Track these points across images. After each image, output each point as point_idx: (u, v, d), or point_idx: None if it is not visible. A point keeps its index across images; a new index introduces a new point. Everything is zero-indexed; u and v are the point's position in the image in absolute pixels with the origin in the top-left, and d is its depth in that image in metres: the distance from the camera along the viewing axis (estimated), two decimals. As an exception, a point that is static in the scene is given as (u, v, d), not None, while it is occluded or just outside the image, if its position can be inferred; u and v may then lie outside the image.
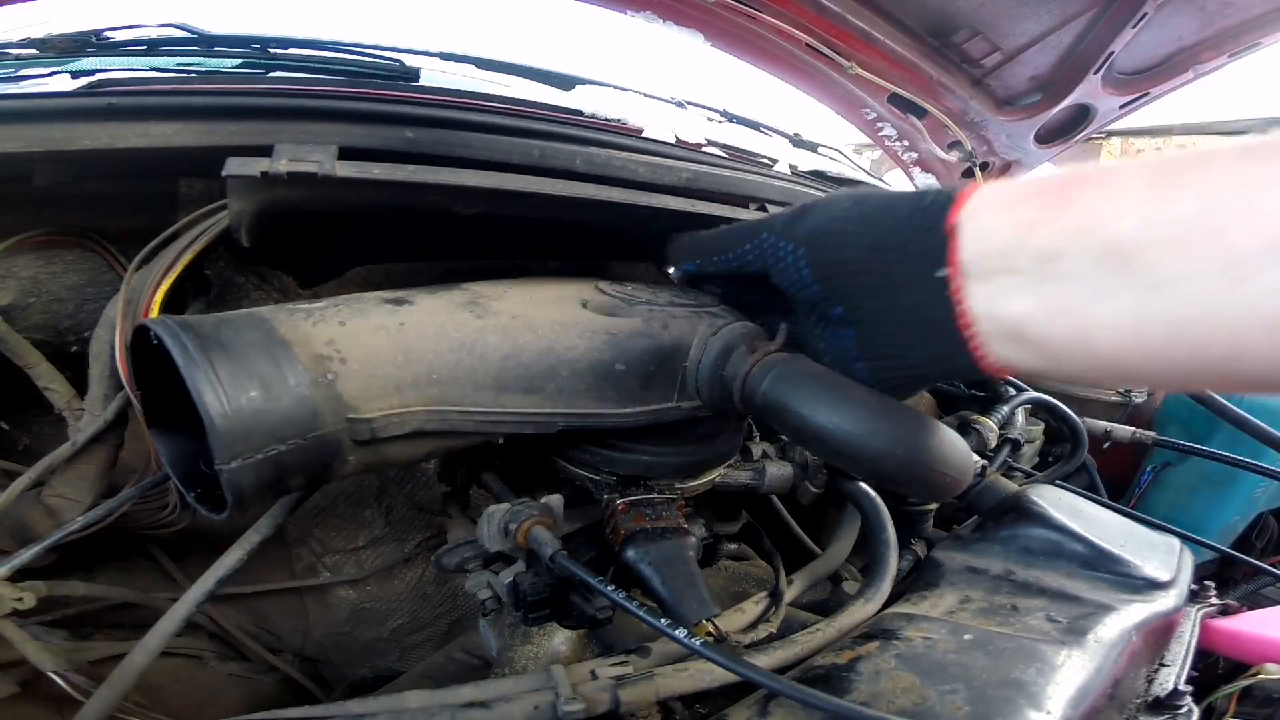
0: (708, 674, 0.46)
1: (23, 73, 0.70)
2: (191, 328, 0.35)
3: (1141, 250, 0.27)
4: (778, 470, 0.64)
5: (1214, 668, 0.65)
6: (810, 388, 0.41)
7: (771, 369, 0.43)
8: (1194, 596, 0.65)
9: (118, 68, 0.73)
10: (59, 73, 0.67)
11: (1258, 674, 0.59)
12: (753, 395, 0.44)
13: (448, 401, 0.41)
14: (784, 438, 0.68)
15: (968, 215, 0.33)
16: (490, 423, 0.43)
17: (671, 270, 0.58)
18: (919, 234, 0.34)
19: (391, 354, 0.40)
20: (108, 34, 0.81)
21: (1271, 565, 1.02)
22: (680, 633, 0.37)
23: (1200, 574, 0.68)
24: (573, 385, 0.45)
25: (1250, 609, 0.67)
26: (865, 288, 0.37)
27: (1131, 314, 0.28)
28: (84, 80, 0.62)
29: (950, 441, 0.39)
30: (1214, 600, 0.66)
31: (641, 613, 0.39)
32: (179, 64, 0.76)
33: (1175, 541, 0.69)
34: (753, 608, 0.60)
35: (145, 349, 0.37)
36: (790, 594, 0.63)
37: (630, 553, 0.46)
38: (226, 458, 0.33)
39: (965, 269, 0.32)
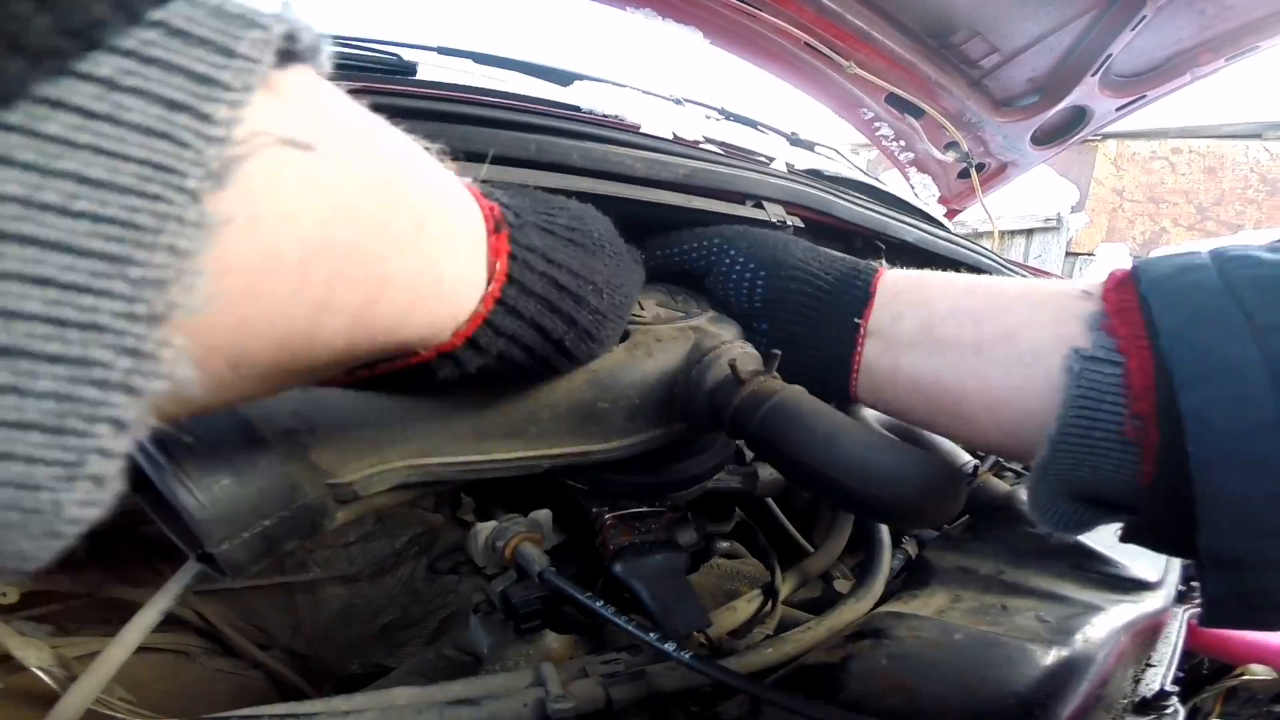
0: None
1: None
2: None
3: (941, 323, 0.41)
4: (770, 474, 0.64)
5: (1199, 668, 0.65)
6: (802, 426, 0.40)
7: (764, 402, 0.42)
8: (1181, 597, 0.66)
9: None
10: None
11: (1242, 674, 0.60)
12: (743, 427, 0.43)
13: (428, 454, 0.41)
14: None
15: (879, 287, 0.46)
16: (474, 470, 0.42)
17: None
18: (851, 289, 0.47)
19: (361, 416, 0.39)
20: None
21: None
22: (669, 646, 0.37)
23: (1187, 574, 0.69)
24: (555, 427, 0.44)
25: (1236, 610, 0.68)
26: (797, 315, 0.49)
27: (920, 364, 0.41)
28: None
29: (942, 475, 0.38)
30: (1200, 601, 0.67)
31: (632, 628, 0.39)
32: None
33: (1164, 543, 0.69)
34: (746, 606, 0.60)
35: None
36: (783, 593, 0.63)
37: (619, 567, 0.46)
38: (215, 543, 0.33)
39: (870, 324, 0.45)
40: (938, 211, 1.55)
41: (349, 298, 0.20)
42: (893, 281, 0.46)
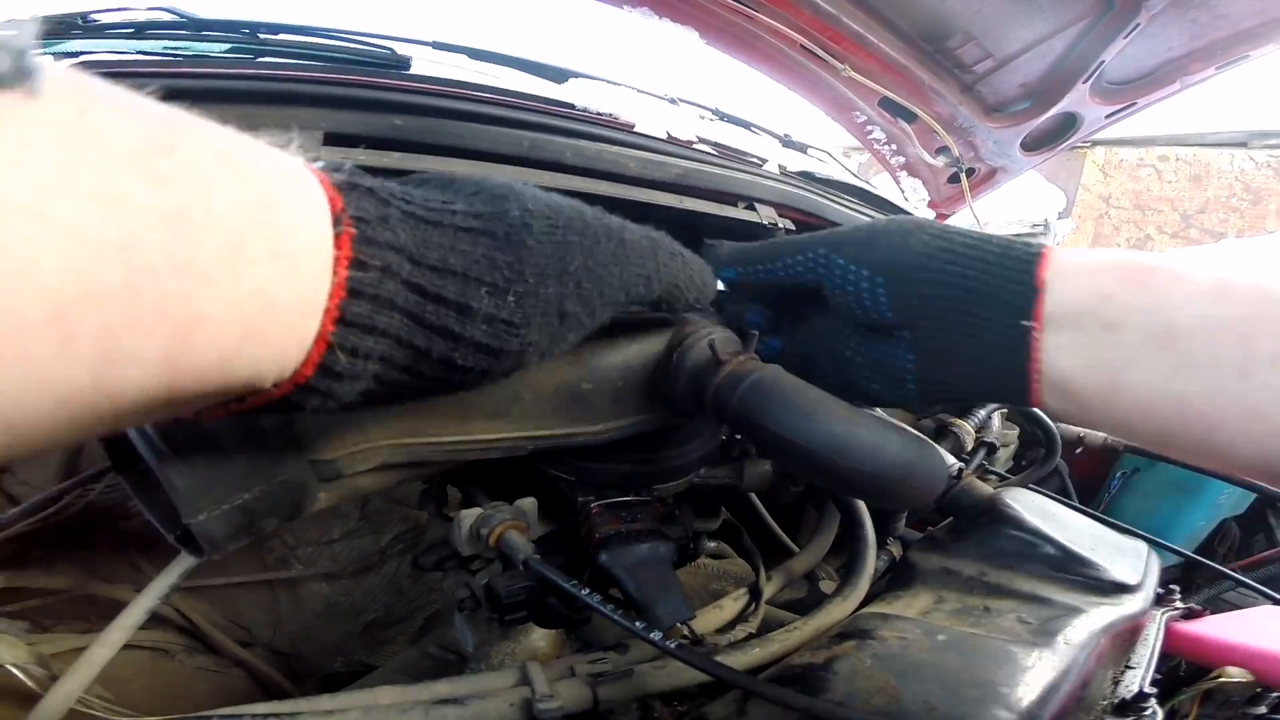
0: (686, 671, 0.46)
1: (3, 55, 0.68)
2: None
3: (1188, 336, 0.33)
4: (756, 468, 0.64)
5: (1176, 670, 0.66)
6: (781, 400, 0.40)
7: (743, 380, 0.42)
8: (1159, 600, 0.67)
9: (103, 50, 0.71)
10: (42, 54, 0.65)
11: (1219, 677, 0.61)
12: (723, 406, 0.43)
13: (411, 433, 0.40)
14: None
15: (1054, 274, 0.37)
16: (457, 451, 0.42)
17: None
18: (1010, 284, 0.38)
19: None
20: (95, 16, 0.79)
21: (1233, 570, 1.05)
22: (655, 635, 0.37)
23: (1165, 578, 0.70)
24: (538, 408, 0.44)
25: (1212, 613, 0.69)
26: (945, 323, 0.40)
27: (1157, 384, 0.34)
28: (68, 62, 0.60)
29: (922, 451, 0.39)
30: (1178, 604, 0.68)
31: (617, 616, 0.38)
32: (165, 47, 0.74)
33: (1143, 546, 0.71)
34: (731, 605, 0.60)
35: None
36: (767, 592, 0.64)
37: (604, 556, 0.46)
38: (193, 513, 0.33)
39: (1046, 323, 0.37)
40: (927, 216, 1.56)
41: (145, 344, 0.18)
42: (1090, 274, 0.37)
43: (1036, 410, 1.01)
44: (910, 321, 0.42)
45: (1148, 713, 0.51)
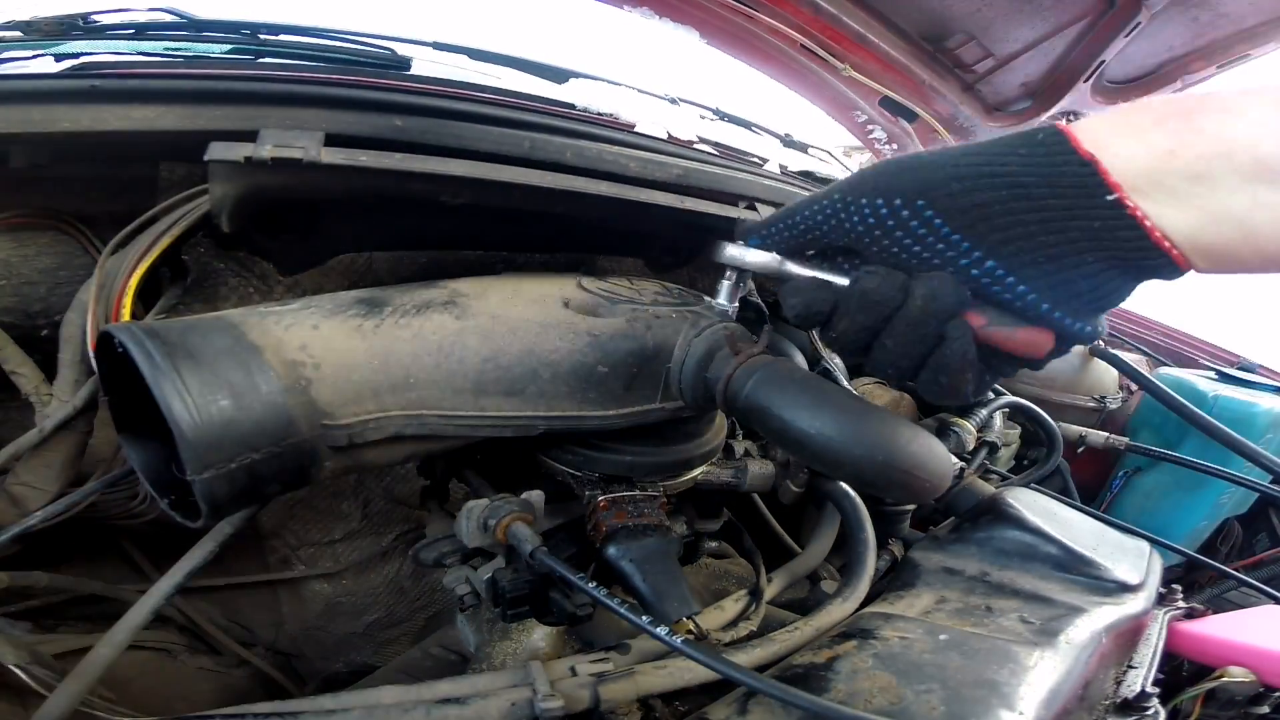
0: (688, 671, 0.46)
1: (5, 55, 0.68)
2: (158, 334, 0.34)
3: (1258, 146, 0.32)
4: (759, 469, 0.64)
5: (1179, 670, 0.66)
6: (793, 392, 0.41)
7: (754, 372, 0.43)
8: (1161, 600, 0.67)
9: (103, 51, 0.71)
10: (43, 55, 0.66)
11: (1221, 676, 0.61)
12: (735, 398, 0.44)
13: (426, 405, 0.41)
14: (767, 437, 0.68)
15: (1098, 145, 0.35)
16: (470, 426, 0.42)
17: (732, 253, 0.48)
18: (1059, 167, 0.35)
19: (367, 358, 0.40)
20: (95, 17, 0.80)
21: (1236, 570, 1.05)
22: (662, 630, 0.37)
23: (1167, 578, 0.70)
24: (554, 388, 0.45)
25: (1215, 613, 0.69)
26: (1019, 228, 0.36)
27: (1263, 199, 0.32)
28: (68, 63, 0.61)
29: (930, 446, 0.40)
30: (1180, 604, 0.68)
31: (623, 610, 0.39)
32: (166, 48, 0.74)
33: (1145, 545, 0.71)
34: (733, 606, 0.60)
35: (113, 352, 0.36)
36: (769, 592, 0.64)
37: (612, 549, 0.46)
38: (199, 468, 0.32)
39: (1131, 192, 0.34)
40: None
41: None
42: (1131, 136, 0.34)
43: (1037, 409, 1.01)
44: (984, 238, 0.37)
45: (1150, 712, 0.51)
